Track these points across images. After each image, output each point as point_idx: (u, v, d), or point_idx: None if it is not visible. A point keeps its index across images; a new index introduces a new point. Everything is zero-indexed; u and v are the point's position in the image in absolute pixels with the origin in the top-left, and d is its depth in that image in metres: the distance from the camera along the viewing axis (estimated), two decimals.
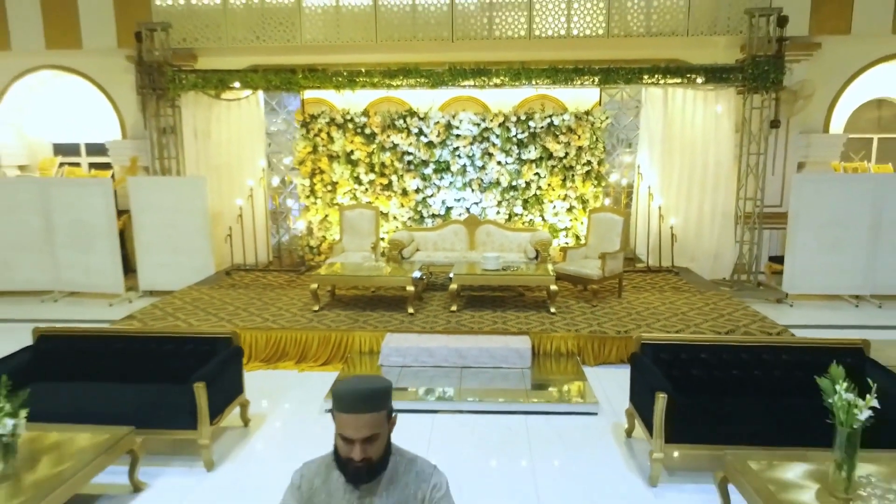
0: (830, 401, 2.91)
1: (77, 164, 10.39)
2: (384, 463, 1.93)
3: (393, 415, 1.97)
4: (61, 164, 10.18)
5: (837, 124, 9.39)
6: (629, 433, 4.49)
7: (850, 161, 9.62)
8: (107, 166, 10.13)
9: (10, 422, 3.18)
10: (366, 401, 1.84)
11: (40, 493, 3.13)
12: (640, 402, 4.17)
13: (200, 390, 4.02)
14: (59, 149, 10.49)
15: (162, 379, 4.33)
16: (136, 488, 3.88)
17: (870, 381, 2.93)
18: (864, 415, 2.84)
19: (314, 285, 6.70)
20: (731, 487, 3.36)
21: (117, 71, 9.36)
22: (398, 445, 2.08)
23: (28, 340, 4.67)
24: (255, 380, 5.48)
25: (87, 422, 3.84)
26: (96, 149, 10.32)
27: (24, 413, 3.24)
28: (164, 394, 4.15)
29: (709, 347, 4.33)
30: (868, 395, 2.85)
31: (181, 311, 6.73)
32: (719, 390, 4.16)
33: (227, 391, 4.46)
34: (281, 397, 5.28)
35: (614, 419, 4.75)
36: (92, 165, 10.42)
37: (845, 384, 2.89)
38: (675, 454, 4.13)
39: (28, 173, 10.15)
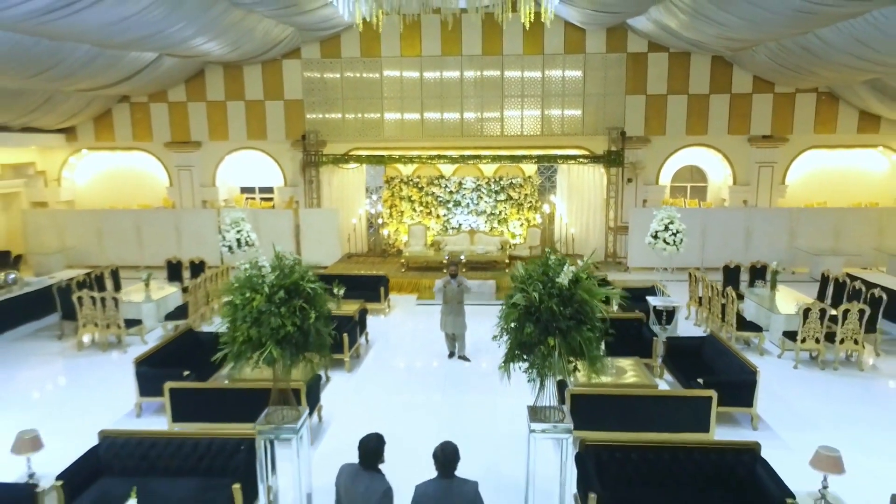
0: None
1: (253, 199, 18.78)
2: (457, 276, 10.18)
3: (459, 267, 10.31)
4: (247, 199, 18.63)
5: (665, 178, 17.74)
6: None
7: (676, 198, 17.96)
8: (270, 199, 18.52)
9: (340, 291, 11.57)
10: (455, 263, 10.13)
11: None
12: None
13: (382, 288, 12.48)
14: (244, 189, 18.90)
15: (366, 288, 12.69)
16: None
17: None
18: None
19: (402, 260, 15.14)
20: None
21: (284, 150, 17.78)
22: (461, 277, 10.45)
23: None
24: None
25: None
26: (264, 189, 18.71)
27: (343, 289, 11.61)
28: (371, 290, 12.51)
29: None
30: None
31: (344, 271, 15.11)
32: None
33: (386, 291, 12.85)
34: (396, 302, 13.64)
35: None
36: (262, 199, 18.80)
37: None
38: None
39: (230, 205, 18.54)
